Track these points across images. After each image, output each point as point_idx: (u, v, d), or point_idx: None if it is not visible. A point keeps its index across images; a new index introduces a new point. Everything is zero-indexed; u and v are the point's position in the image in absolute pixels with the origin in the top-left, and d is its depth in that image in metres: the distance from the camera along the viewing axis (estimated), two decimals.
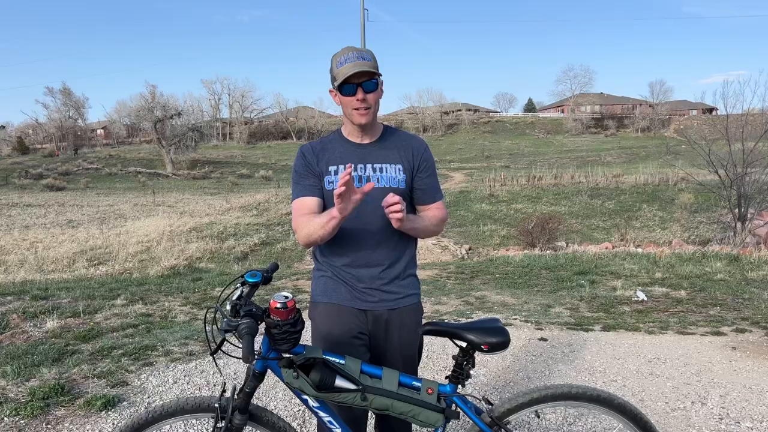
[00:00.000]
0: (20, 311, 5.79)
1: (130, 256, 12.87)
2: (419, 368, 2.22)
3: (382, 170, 2.04)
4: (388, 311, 2.05)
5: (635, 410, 1.91)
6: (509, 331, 1.92)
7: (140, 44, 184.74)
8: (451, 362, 4.24)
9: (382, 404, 1.78)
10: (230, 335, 1.69)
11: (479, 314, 5.94)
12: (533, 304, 6.57)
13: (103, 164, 51.15)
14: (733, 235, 16.74)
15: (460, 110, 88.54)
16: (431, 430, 1.87)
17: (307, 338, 2.36)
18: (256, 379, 1.79)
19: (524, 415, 1.93)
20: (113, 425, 3.13)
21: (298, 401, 3.47)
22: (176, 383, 3.83)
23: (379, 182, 2.03)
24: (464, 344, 1.89)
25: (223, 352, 1.81)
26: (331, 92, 2.03)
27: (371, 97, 1.96)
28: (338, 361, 1.80)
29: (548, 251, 13.14)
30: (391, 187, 2.03)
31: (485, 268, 9.78)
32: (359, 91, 1.93)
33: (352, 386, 1.76)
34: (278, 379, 1.82)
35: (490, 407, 1.92)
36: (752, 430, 3.21)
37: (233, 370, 4.07)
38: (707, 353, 4.62)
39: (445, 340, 1.88)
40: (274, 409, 3.41)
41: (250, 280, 1.80)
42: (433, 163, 2.15)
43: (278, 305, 1.70)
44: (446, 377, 1.92)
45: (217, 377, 3.94)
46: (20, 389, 3.56)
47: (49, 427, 3.09)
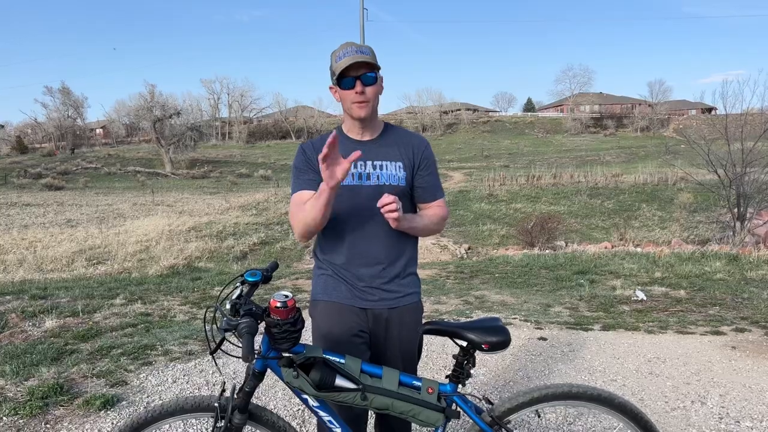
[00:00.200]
0: (19, 310, 5.78)
1: (129, 255, 12.86)
2: (419, 367, 2.21)
3: (382, 167, 2.04)
4: (388, 310, 2.05)
5: (636, 410, 1.91)
6: (509, 330, 1.92)
7: (139, 44, 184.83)
8: (451, 361, 4.24)
9: (382, 404, 1.77)
10: (230, 334, 1.68)
11: (479, 313, 5.93)
12: (533, 303, 6.57)
13: (102, 164, 51.10)
14: (732, 234, 16.76)
15: (459, 110, 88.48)
16: (431, 429, 1.86)
17: (307, 337, 2.36)
18: (255, 378, 1.79)
19: (524, 414, 1.93)
20: (112, 425, 3.12)
21: (297, 400, 3.47)
22: (175, 383, 3.83)
23: (379, 180, 2.02)
24: (465, 343, 1.89)
25: (222, 351, 1.80)
26: (331, 89, 2.03)
27: (370, 90, 1.95)
28: (338, 360, 1.80)
29: (547, 251, 13.14)
30: (391, 184, 2.02)
31: (484, 267, 9.77)
32: (358, 83, 1.93)
33: (352, 385, 1.76)
34: (278, 378, 1.81)
35: (490, 406, 1.92)
36: (752, 429, 3.21)
37: (233, 369, 4.06)
38: (707, 353, 4.62)
39: (444, 339, 1.88)
40: (273, 408, 3.41)
41: (249, 279, 1.79)
42: (434, 161, 2.14)
43: (278, 304, 1.69)
44: (446, 376, 1.92)
45: (216, 376, 3.93)
46: (19, 389, 3.55)
47: (48, 426, 3.09)
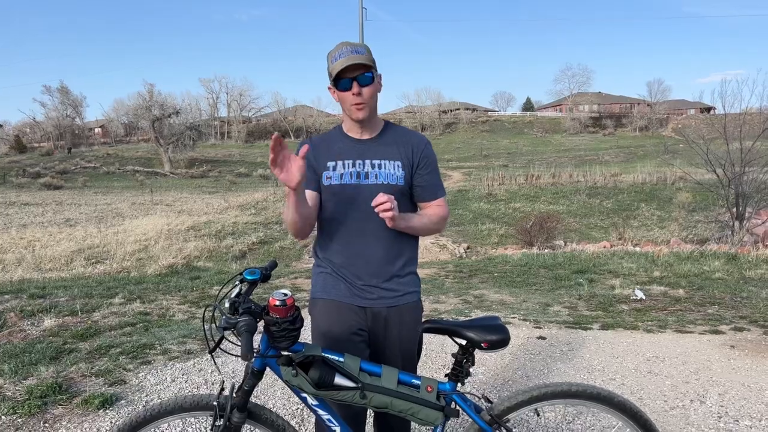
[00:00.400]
0: (18, 310, 5.77)
1: (127, 254, 12.83)
2: (418, 366, 2.21)
3: (380, 166, 2.03)
4: (387, 309, 2.04)
5: (635, 408, 1.91)
6: (508, 329, 1.92)
7: (138, 43, 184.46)
8: (450, 360, 4.24)
9: (381, 402, 1.77)
10: (229, 333, 1.68)
11: (478, 313, 5.93)
12: (532, 302, 6.57)
13: (100, 163, 51.01)
14: (731, 233, 16.78)
15: (458, 109, 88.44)
16: (431, 428, 1.86)
17: (306, 336, 2.35)
18: (254, 377, 1.78)
19: (524, 413, 1.93)
20: (111, 424, 3.12)
21: (296, 399, 3.47)
22: (174, 382, 3.82)
23: (377, 179, 2.02)
24: (464, 342, 1.88)
25: (221, 350, 1.80)
26: (329, 89, 2.03)
27: (367, 90, 1.95)
28: (337, 359, 1.79)
29: (546, 250, 13.15)
30: (389, 183, 2.02)
31: (484, 266, 9.78)
32: (355, 85, 1.93)
33: (351, 384, 1.76)
34: (277, 377, 1.81)
35: (489, 405, 1.91)
36: (751, 428, 3.21)
37: (232, 368, 4.06)
38: (706, 352, 4.63)
39: (444, 338, 1.87)
40: (272, 407, 3.40)
41: (248, 277, 1.79)
42: (434, 159, 2.13)
43: (277, 303, 1.69)
44: (446, 375, 1.92)
45: (215, 375, 3.93)
46: (18, 388, 3.54)
47: (46, 425, 3.08)
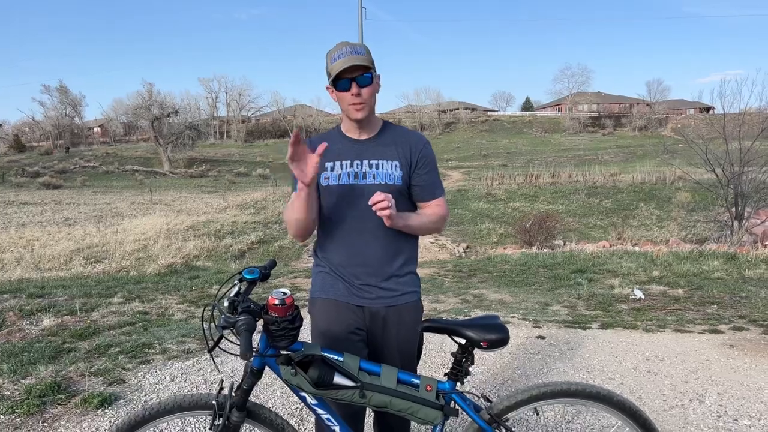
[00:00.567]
0: (17, 309, 5.76)
1: (127, 254, 12.83)
2: (417, 365, 2.21)
3: (378, 166, 2.03)
4: (385, 308, 2.04)
5: (634, 407, 1.91)
6: (507, 328, 1.92)
7: (138, 42, 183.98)
8: (449, 359, 4.24)
9: (380, 401, 1.77)
10: (228, 332, 1.68)
11: (477, 312, 5.93)
12: (531, 302, 6.57)
13: (99, 162, 50.98)
14: (730, 233, 16.78)
15: (457, 109, 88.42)
16: (430, 427, 1.86)
17: (305, 335, 2.35)
18: (253, 376, 1.78)
19: (523, 412, 1.93)
20: (110, 423, 3.11)
21: (296, 398, 3.46)
22: (173, 381, 3.82)
23: (375, 179, 2.02)
24: (463, 341, 1.88)
25: (220, 349, 1.80)
26: (328, 89, 2.02)
27: (366, 91, 1.95)
28: (337, 358, 1.79)
29: (546, 250, 13.16)
30: (387, 183, 2.01)
31: (483, 266, 9.78)
32: (353, 85, 1.93)
33: (350, 383, 1.75)
34: (276, 376, 1.81)
35: (489, 404, 1.91)
36: (750, 427, 3.21)
37: (231, 367, 4.05)
38: (705, 351, 4.63)
39: (443, 337, 1.87)
40: (272, 406, 3.40)
41: (247, 276, 1.78)
42: (433, 159, 2.12)
43: (276, 302, 1.68)
44: (445, 374, 1.92)
45: (214, 375, 3.92)
46: (16, 387, 3.54)
47: (45, 425, 3.08)
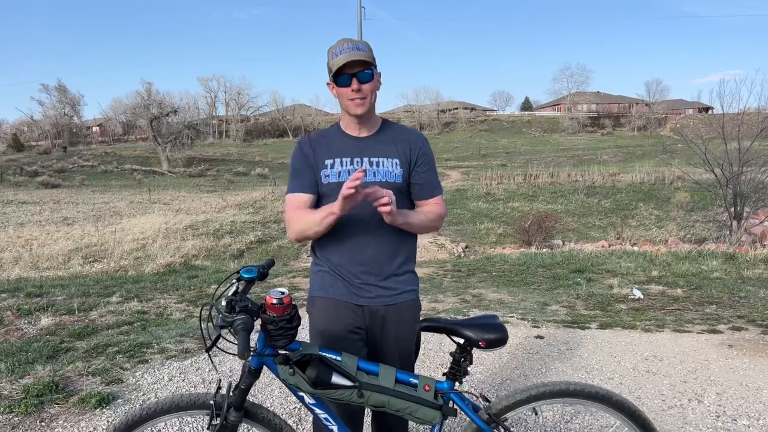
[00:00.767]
0: (15, 308, 5.76)
1: (125, 253, 12.82)
2: (416, 365, 2.20)
3: (378, 164, 2.03)
4: (384, 307, 2.04)
5: (633, 407, 1.90)
6: (506, 328, 1.91)
7: (136, 42, 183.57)
8: (448, 359, 4.24)
9: (378, 401, 1.77)
10: (226, 332, 1.67)
11: (476, 312, 5.93)
12: (530, 302, 6.57)
13: (98, 161, 50.93)
14: (728, 233, 16.78)
15: (456, 108, 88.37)
16: (428, 427, 1.85)
17: (304, 335, 2.34)
18: (251, 375, 1.78)
19: (522, 412, 1.92)
20: (108, 423, 3.10)
21: (294, 398, 3.45)
22: (171, 380, 3.81)
23: (375, 176, 2.01)
24: (462, 341, 1.88)
25: (218, 348, 1.79)
26: (328, 85, 2.02)
27: (366, 87, 1.95)
28: (335, 357, 1.79)
29: (545, 249, 13.16)
30: (387, 181, 2.01)
31: (482, 266, 9.78)
32: (354, 81, 1.92)
33: (348, 383, 1.75)
34: (274, 375, 1.80)
35: (487, 404, 1.91)
36: (749, 427, 3.21)
37: (229, 367, 4.05)
38: (704, 351, 4.63)
39: (441, 336, 1.87)
40: (270, 406, 3.40)
41: (245, 275, 1.78)
42: (432, 157, 2.13)
43: (274, 301, 1.68)
44: (443, 374, 1.91)
45: (212, 374, 3.92)
46: (14, 386, 3.53)
47: (43, 424, 3.07)
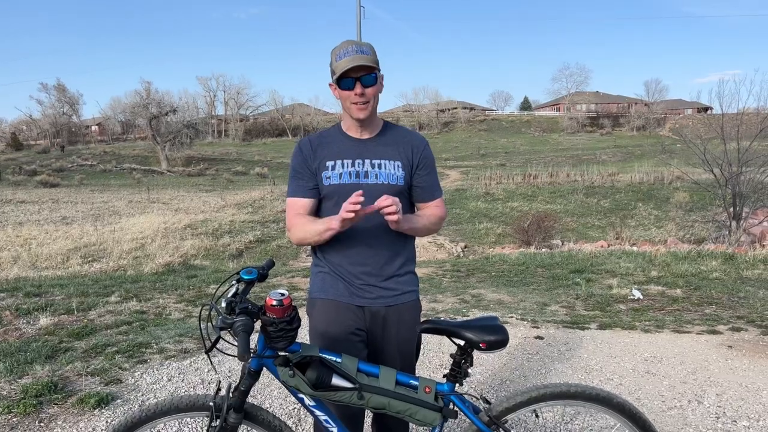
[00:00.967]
0: (13, 308, 5.74)
1: (124, 253, 12.81)
2: (416, 366, 2.20)
3: (380, 166, 2.02)
4: (385, 308, 2.03)
5: (633, 409, 1.90)
6: (507, 329, 1.91)
7: (136, 41, 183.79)
8: (448, 361, 4.23)
9: (379, 403, 1.76)
10: (225, 333, 1.67)
11: (475, 312, 5.93)
12: (529, 302, 6.57)
13: (97, 161, 50.85)
14: (728, 233, 16.79)
15: (456, 108, 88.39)
16: (428, 429, 1.85)
17: (303, 335, 2.34)
18: (251, 377, 1.77)
19: (522, 414, 1.92)
20: (107, 423, 3.09)
21: (294, 400, 3.45)
22: (170, 381, 3.80)
23: (377, 179, 2.01)
24: (462, 342, 1.87)
25: (218, 350, 1.79)
26: (330, 86, 2.01)
27: (370, 91, 1.94)
28: (335, 359, 1.78)
29: (544, 249, 13.16)
30: (389, 183, 2.01)
31: (481, 266, 9.78)
32: (358, 85, 1.91)
33: (348, 385, 1.74)
34: (274, 377, 1.79)
35: (487, 406, 1.90)
36: (749, 428, 3.21)
37: (228, 368, 4.04)
38: (703, 352, 4.63)
39: (442, 338, 1.86)
40: (269, 407, 3.39)
41: (245, 277, 1.77)
42: (432, 160, 2.13)
43: (274, 302, 1.67)
44: (444, 376, 1.91)
45: (212, 375, 3.91)
46: (13, 387, 3.52)
47: (42, 425, 3.06)
